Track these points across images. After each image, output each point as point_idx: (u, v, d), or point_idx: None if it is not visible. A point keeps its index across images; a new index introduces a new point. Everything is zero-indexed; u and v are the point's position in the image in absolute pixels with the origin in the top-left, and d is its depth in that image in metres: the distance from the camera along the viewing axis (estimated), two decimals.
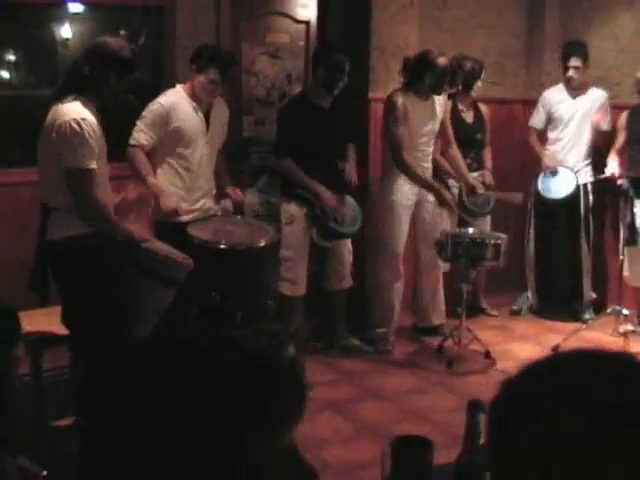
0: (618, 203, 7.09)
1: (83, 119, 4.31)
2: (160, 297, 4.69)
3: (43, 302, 4.94)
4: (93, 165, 4.34)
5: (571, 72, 7.24)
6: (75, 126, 4.29)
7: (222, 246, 5.30)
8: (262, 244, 5.38)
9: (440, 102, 6.62)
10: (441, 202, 6.55)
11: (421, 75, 6.38)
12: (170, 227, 5.37)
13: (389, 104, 6.46)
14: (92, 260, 4.42)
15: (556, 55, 7.62)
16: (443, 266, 6.87)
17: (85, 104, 4.40)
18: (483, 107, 7.29)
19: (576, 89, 7.32)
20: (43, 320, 4.86)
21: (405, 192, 6.53)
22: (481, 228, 6.83)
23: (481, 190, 6.81)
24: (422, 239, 6.72)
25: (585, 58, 7.24)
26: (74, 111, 4.34)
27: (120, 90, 4.62)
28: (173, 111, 5.53)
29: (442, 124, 6.67)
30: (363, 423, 5.34)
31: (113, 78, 4.50)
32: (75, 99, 4.39)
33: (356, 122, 6.72)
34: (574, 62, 7.21)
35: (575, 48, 7.25)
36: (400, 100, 6.39)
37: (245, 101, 7.09)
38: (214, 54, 5.64)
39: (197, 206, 5.65)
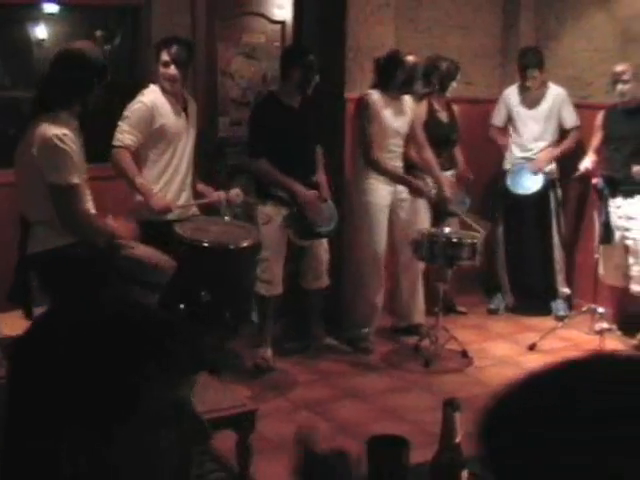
0: (590, 200, 7.17)
1: (65, 134, 4.31)
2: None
3: (27, 315, 4.90)
4: (76, 180, 4.35)
5: (529, 82, 7.36)
6: (57, 142, 4.28)
7: (206, 244, 5.28)
8: (246, 244, 5.38)
9: (409, 103, 6.65)
10: (416, 193, 6.57)
11: (392, 73, 6.44)
12: (154, 226, 5.39)
13: (361, 103, 6.50)
14: (75, 270, 4.41)
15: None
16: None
17: (66, 117, 4.40)
18: (455, 107, 7.34)
19: (534, 90, 7.43)
20: (20, 324, 4.84)
21: (379, 192, 6.54)
22: (452, 227, 6.87)
23: (454, 208, 6.80)
24: (400, 238, 6.71)
25: (541, 65, 7.36)
26: (55, 127, 4.33)
27: (97, 93, 4.63)
28: (156, 109, 5.54)
29: (412, 127, 6.69)
30: (340, 423, 5.35)
31: (95, 84, 4.51)
32: (56, 114, 4.38)
33: (331, 123, 6.72)
34: (531, 73, 7.32)
35: (531, 59, 7.34)
36: (372, 99, 6.44)
37: (221, 102, 7.09)
38: (165, 38, 5.72)
39: (180, 202, 5.68)
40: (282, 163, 6.06)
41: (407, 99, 6.64)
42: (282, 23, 7.34)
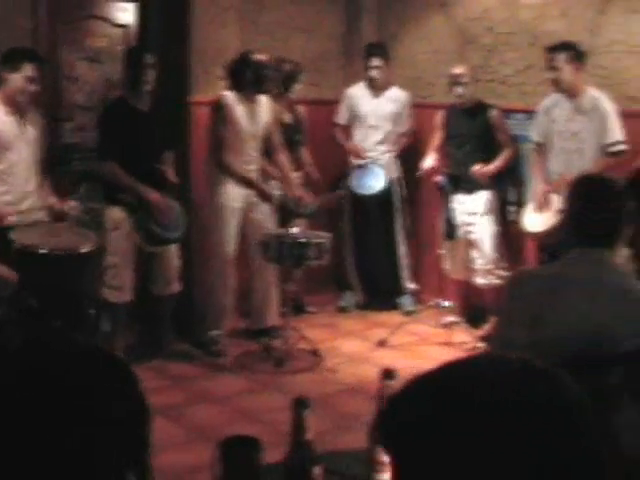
0: (432, 197, 7.37)
1: None
2: None
3: None
4: None
5: (373, 72, 7.52)
6: None
7: (42, 251, 5.24)
8: (83, 250, 5.34)
9: (267, 105, 6.67)
10: (263, 198, 6.61)
11: (241, 74, 6.45)
12: None
13: (215, 104, 6.50)
14: None
15: None
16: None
17: None
18: (300, 108, 7.42)
19: (378, 89, 7.59)
20: None
21: (232, 194, 6.54)
22: (300, 227, 6.95)
23: (308, 200, 6.88)
24: (254, 240, 6.70)
25: (386, 58, 7.55)
26: None
27: None
28: None
29: (269, 129, 6.72)
30: (195, 427, 5.34)
31: None
32: None
33: (176, 126, 6.69)
34: (375, 62, 7.50)
35: (375, 49, 7.58)
36: (225, 102, 6.44)
37: (65, 107, 6.96)
38: (27, 51, 5.71)
39: (22, 208, 5.64)
40: (130, 166, 6.02)
41: (264, 101, 6.66)
42: (126, 27, 7.26)
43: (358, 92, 7.71)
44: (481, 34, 7.44)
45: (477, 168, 6.85)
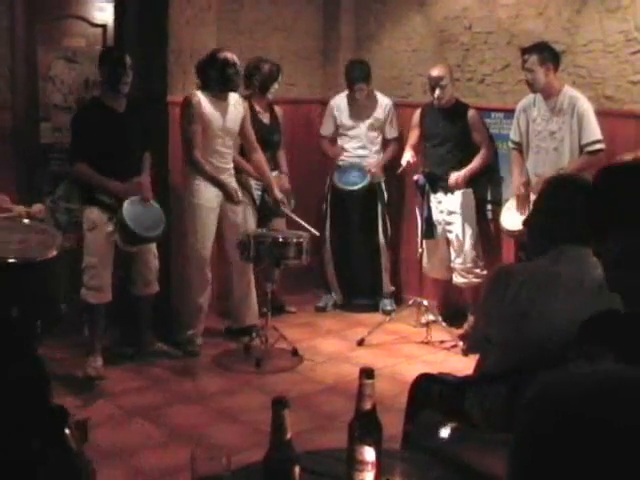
0: (411, 197, 7.40)
1: None
2: None
3: None
4: None
5: (357, 95, 7.49)
6: None
7: (12, 260, 5.10)
8: (55, 253, 5.25)
9: (238, 102, 6.66)
10: (228, 198, 6.58)
11: (207, 72, 6.44)
12: None
13: (184, 103, 6.48)
14: None
15: (351, 56, 7.85)
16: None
17: None
18: (278, 109, 7.40)
19: (361, 100, 7.57)
20: None
21: (207, 194, 6.52)
22: (279, 227, 6.95)
23: (285, 208, 6.86)
24: (230, 240, 6.70)
25: (368, 78, 7.47)
26: None
27: None
28: None
29: (242, 126, 6.72)
30: (174, 428, 5.31)
31: None
32: None
33: (154, 126, 6.67)
34: (359, 86, 7.43)
35: (358, 73, 7.44)
36: (195, 99, 6.42)
37: (42, 107, 6.93)
38: None
39: None
40: (105, 166, 5.99)
41: (235, 98, 6.64)
42: (103, 26, 7.24)
43: (342, 103, 7.69)
44: (459, 33, 7.45)
45: (452, 180, 6.92)
